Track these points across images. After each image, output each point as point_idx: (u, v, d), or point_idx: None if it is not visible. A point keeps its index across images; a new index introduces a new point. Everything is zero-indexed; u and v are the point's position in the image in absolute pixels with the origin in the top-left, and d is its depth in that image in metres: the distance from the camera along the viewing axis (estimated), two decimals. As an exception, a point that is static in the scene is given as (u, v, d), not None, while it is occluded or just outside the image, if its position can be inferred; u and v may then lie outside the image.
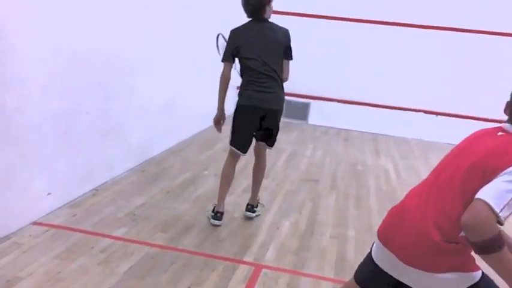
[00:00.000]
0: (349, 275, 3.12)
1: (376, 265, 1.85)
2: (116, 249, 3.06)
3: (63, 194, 3.56)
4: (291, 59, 3.48)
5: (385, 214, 4.54)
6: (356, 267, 3.21)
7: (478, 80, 7.31)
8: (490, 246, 1.45)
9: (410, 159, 6.41)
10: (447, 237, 1.63)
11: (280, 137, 6.64)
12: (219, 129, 3.59)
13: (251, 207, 3.76)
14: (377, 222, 4.06)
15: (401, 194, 4.83)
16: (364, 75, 7.73)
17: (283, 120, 7.98)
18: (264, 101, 3.37)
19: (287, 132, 7.18)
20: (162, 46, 4.77)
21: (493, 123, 6.64)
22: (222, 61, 3.42)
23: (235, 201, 4.13)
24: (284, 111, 7.92)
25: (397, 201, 5.26)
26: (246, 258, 3.13)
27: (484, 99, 7.31)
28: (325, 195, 4.60)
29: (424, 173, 5.79)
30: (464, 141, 1.83)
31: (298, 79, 6.87)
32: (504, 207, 1.45)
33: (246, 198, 4.09)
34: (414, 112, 7.66)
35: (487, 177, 1.55)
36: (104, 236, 3.21)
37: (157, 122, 4.94)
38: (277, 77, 3.39)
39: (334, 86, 7.85)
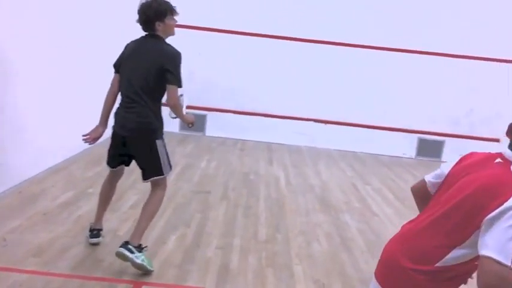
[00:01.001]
0: (230, 284, 3.20)
1: None
2: (-21, 279, 2.83)
3: None
4: (174, 84, 3.09)
5: (272, 221, 4.70)
6: (239, 275, 3.31)
7: (363, 90, 7.91)
8: None
9: (301, 167, 6.72)
10: (419, 267, 1.64)
11: (175, 150, 6.71)
12: (86, 139, 3.26)
13: (125, 244, 3.05)
14: (263, 229, 4.23)
15: (289, 201, 5.12)
16: (258, 86, 7.97)
17: (180, 133, 7.92)
18: (122, 125, 3.14)
19: (183, 145, 7.16)
20: (41, 54, 4.52)
21: (377, 130, 7.13)
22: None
23: (121, 217, 4.02)
24: (181, 124, 7.86)
25: (285, 207, 5.46)
26: (126, 277, 3.06)
27: (368, 107, 7.95)
28: (215, 206, 4.66)
29: (313, 178, 6.16)
30: (460, 167, 1.73)
31: (194, 91, 6.91)
32: None
33: (131, 215, 4.01)
34: (305, 121, 8.06)
35: (472, 217, 1.54)
36: (-34, 266, 2.95)
37: (37, 139, 4.65)
38: (144, 101, 3.08)
39: (230, 97, 7.99)
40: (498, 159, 1.63)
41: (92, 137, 3.28)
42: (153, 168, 3.17)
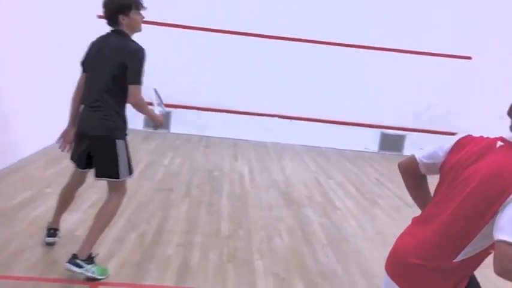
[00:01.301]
0: (190, 281, 3.21)
1: None
2: None
3: None
4: (134, 83, 2.95)
5: (234, 217, 4.71)
6: (199, 272, 3.32)
7: (327, 86, 8.01)
8: None
9: (265, 162, 6.76)
10: (433, 263, 1.63)
11: (139, 147, 6.64)
12: (61, 145, 3.18)
13: (73, 258, 2.94)
14: (225, 225, 4.24)
15: (253, 196, 5.14)
16: (223, 82, 7.97)
17: (144, 130, 7.81)
18: (83, 124, 3.06)
19: (147, 142, 7.08)
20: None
21: (341, 125, 7.20)
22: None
23: (80, 217, 3.96)
24: (145, 121, 7.77)
25: (248, 203, 5.47)
26: (82, 277, 3.01)
27: (332, 103, 8.06)
28: (177, 203, 4.63)
29: (277, 174, 6.21)
30: (461, 156, 1.68)
31: (158, 88, 6.83)
32: None
33: (90, 215, 3.92)
34: (270, 117, 8.11)
35: (486, 207, 1.54)
36: None
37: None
38: (106, 100, 2.98)
39: (194, 94, 7.94)
40: (499, 143, 1.62)
41: (67, 142, 3.20)
42: (108, 168, 3.03)
